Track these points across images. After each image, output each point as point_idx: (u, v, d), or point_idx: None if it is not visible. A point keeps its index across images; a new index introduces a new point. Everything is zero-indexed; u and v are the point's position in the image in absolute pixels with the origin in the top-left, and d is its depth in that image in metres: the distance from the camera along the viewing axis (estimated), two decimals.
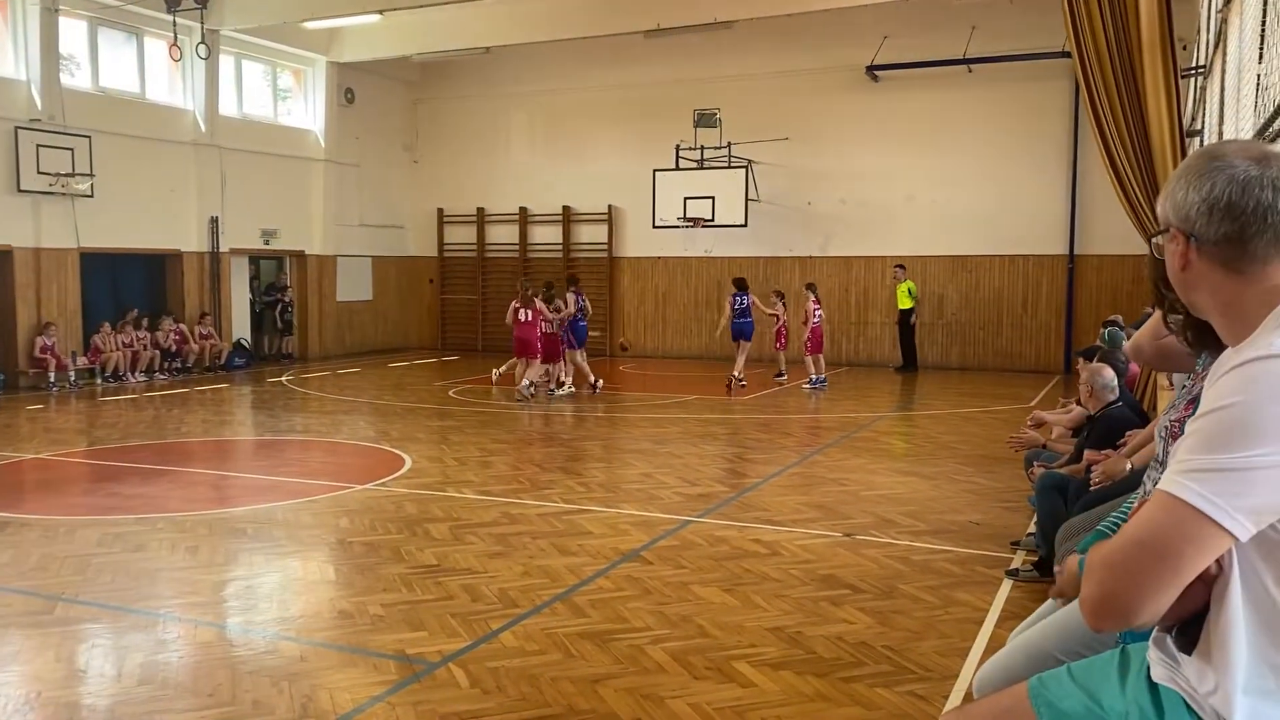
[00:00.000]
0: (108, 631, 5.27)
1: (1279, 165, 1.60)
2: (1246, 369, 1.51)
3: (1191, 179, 1.65)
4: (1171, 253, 1.70)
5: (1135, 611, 1.53)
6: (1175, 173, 1.70)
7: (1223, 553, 1.53)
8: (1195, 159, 1.68)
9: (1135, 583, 1.51)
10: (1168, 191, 1.70)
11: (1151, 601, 1.52)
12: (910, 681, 4.57)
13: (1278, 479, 1.45)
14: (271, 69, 21.15)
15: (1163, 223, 1.72)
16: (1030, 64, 17.97)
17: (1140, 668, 1.92)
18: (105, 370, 16.69)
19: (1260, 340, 1.55)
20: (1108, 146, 7.57)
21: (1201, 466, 1.48)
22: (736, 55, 20.06)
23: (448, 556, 6.56)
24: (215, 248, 19.15)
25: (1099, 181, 17.18)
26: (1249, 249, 1.60)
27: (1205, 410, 1.53)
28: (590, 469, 9.68)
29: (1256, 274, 1.61)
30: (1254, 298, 1.62)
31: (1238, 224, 1.60)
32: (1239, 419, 1.47)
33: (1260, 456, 1.44)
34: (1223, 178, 1.61)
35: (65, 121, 16.17)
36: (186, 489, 8.93)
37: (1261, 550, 1.53)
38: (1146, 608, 1.53)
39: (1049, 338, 18.84)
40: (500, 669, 4.69)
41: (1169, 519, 1.49)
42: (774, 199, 20.13)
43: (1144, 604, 1.52)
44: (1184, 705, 1.75)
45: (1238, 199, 1.60)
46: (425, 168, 24.02)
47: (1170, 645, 1.74)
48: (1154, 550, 1.50)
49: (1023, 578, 6.00)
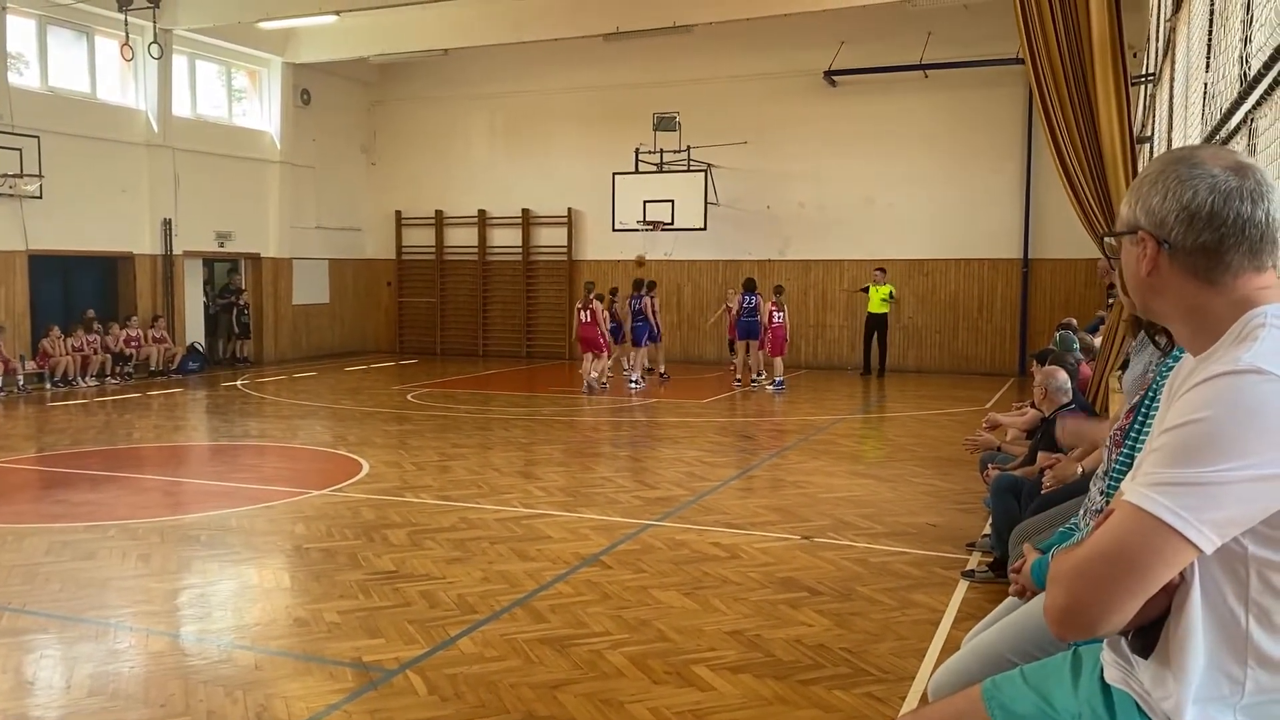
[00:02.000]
0: (56, 642, 5.16)
1: (1254, 177, 1.60)
2: (1215, 383, 1.51)
3: (1170, 184, 1.62)
4: (1135, 256, 1.68)
5: (1101, 622, 1.55)
6: (1146, 175, 1.68)
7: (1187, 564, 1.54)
8: (1172, 164, 1.65)
9: (1102, 594, 1.52)
10: (1138, 194, 1.67)
11: (1117, 612, 1.54)
12: (868, 683, 4.60)
13: (1244, 493, 1.46)
14: (226, 69, 20.87)
15: (1127, 225, 1.69)
16: (985, 70, 18.21)
17: (1093, 669, 1.94)
18: (54, 375, 16.38)
19: (1226, 354, 1.55)
20: (1060, 152, 7.68)
21: (1170, 480, 1.49)
22: (696, 59, 20.12)
23: (405, 562, 6.51)
24: (168, 250, 18.87)
25: (1052, 187, 17.43)
26: (1224, 259, 1.60)
27: (1173, 424, 1.53)
28: (549, 473, 9.65)
29: (1226, 285, 1.61)
30: (1221, 308, 1.62)
31: (1217, 234, 1.59)
32: (1207, 434, 1.47)
33: (1228, 471, 1.45)
34: (1204, 186, 1.59)
35: (13, 121, 15.84)
36: (138, 495, 8.78)
37: (1222, 562, 1.55)
38: (1112, 618, 1.54)
39: (1004, 341, 19.08)
40: (458, 676, 4.65)
41: (1137, 532, 1.50)
42: (733, 202, 20.21)
43: (1110, 615, 1.54)
44: (1135, 707, 1.77)
45: (1219, 209, 1.58)
46: (383, 170, 23.84)
47: (1124, 647, 1.76)
48: (1121, 562, 1.51)
49: (978, 579, 6.07)
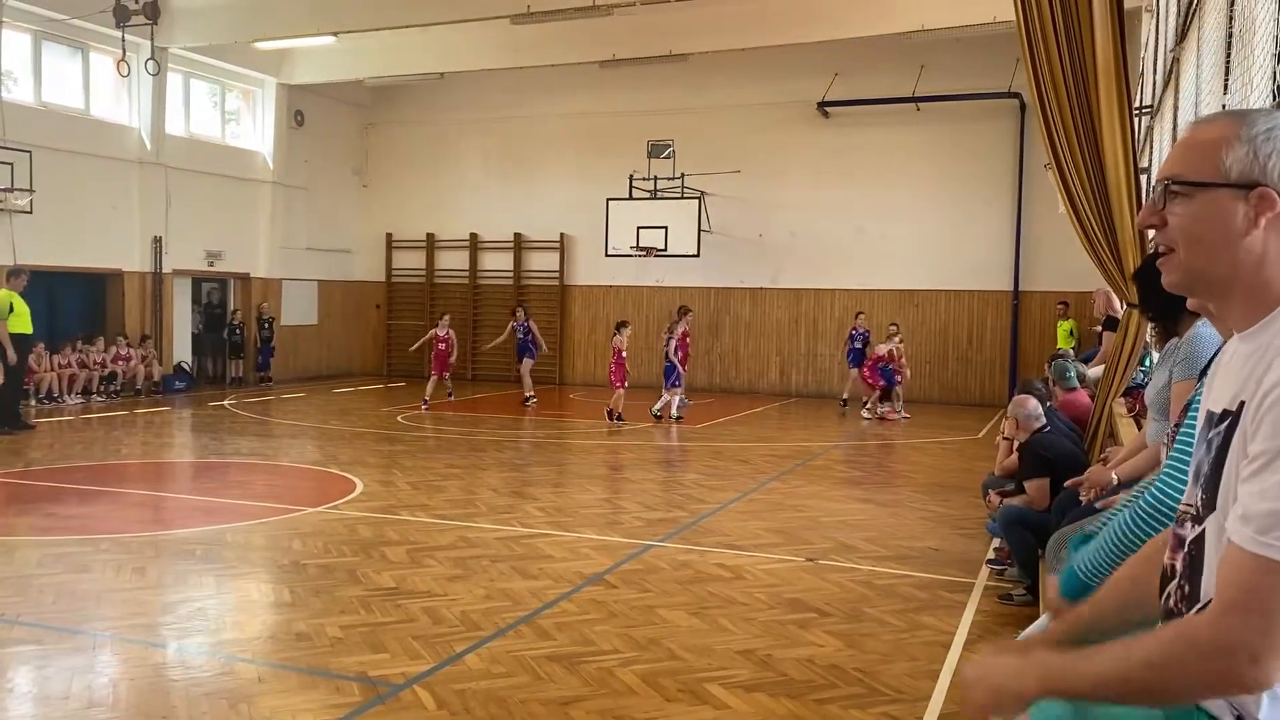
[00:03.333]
0: (53, 653, 5.04)
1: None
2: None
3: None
4: (1229, 213, 1.53)
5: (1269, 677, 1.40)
6: (1259, 128, 1.53)
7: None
8: (1263, 116, 1.54)
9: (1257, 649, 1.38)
10: (1252, 146, 1.51)
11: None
12: (883, 703, 4.54)
13: None
14: (220, 89, 20.86)
15: (1242, 177, 1.52)
16: (978, 103, 18.41)
17: None
18: (39, 391, 16.19)
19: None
20: (1066, 182, 7.72)
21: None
22: (691, 88, 20.25)
23: (406, 579, 6.41)
24: (158, 268, 18.75)
25: (1044, 218, 17.64)
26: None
27: (1270, 447, 1.39)
28: (546, 494, 9.57)
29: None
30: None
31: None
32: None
33: None
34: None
35: (5, 136, 15.75)
36: (130, 510, 8.65)
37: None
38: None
39: (994, 372, 19.14)
40: (467, 691, 4.57)
41: (1266, 576, 1.37)
42: (726, 230, 20.27)
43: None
44: (1195, 705, 1.73)
45: None
46: (375, 192, 23.82)
47: None
48: (1258, 612, 1.38)
49: (1017, 601, 6.03)
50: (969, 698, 1.71)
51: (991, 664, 1.71)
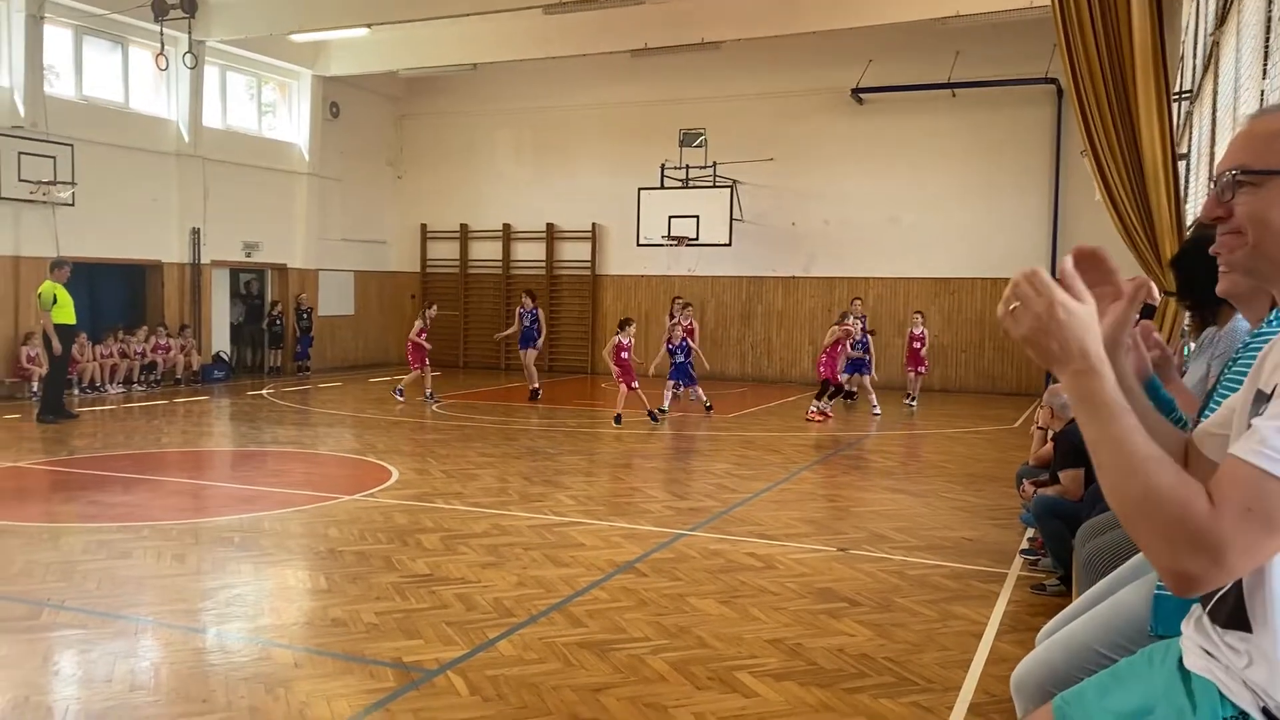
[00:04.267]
0: (96, 637, 5.16)
1: None
2: None
3: None
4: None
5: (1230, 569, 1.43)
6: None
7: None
8: None
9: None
10: None
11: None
12: (914, 693, 4.54)
13: None
14: (256, 81, 21.07)
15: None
16: (1013, 89, 18.20)
17: (1165, 658, 1.90)
18: (82, 381, 16.48)
19: None
20: (1102, 169, 7.63)
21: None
22: (723, 76, 20.18)
23: (440, 566, 6.49)
24: (196, 259, 19.00)
25: (1081, 205, 17.41)
26: None
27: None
28: (578, 483, 9.62)
29: None
30: None
31: None
32: None
33: None
34: None
35: (48, 129, 16.03)
36: (170, 498, 8.81)
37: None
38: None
39: (1030, 361, 18.90)
40: (499, 677, 4.62)
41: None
42: (758, 219, 20.22)
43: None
44: (1217, 694, 1.73)
45: None
46: (409, 183, 23.98)
47: (1209, 628, 1.72)
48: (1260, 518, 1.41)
49: (1050, 592, 6.00)
50: (1020, 293, 1.50)
51: (1072, 305, 1.49)
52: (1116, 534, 3.39)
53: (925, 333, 16.02)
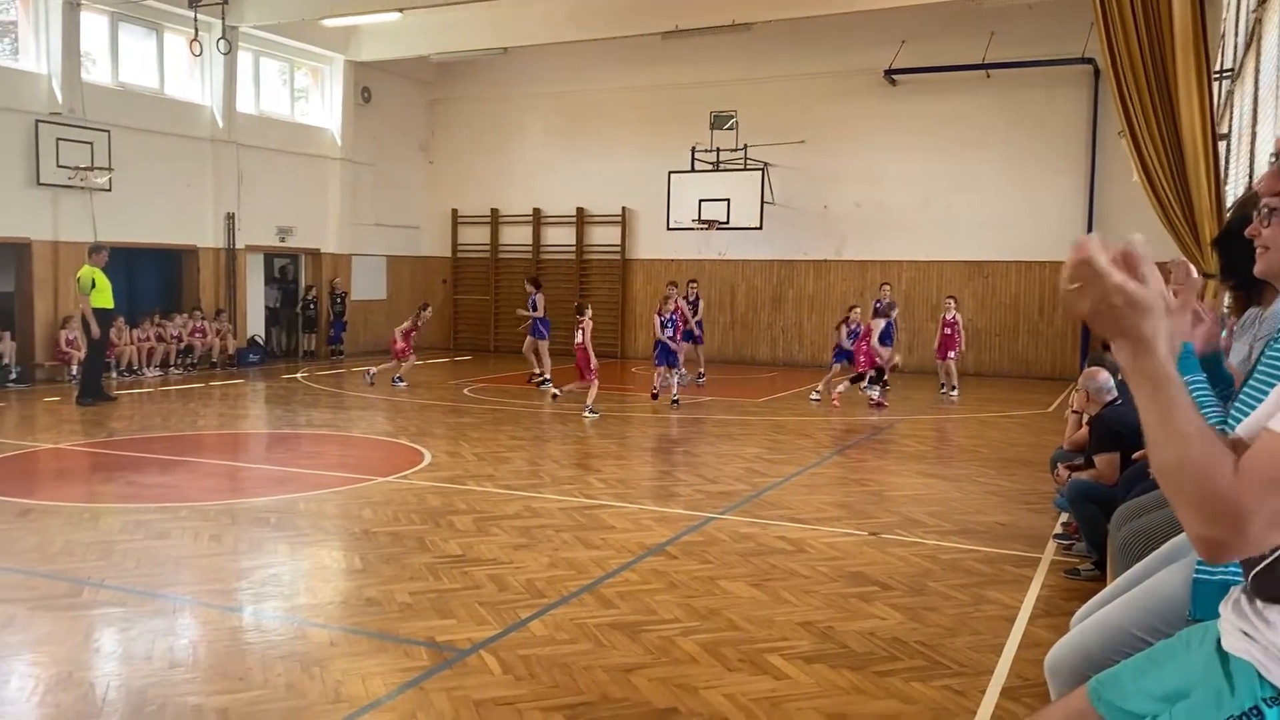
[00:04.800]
0: (136, 615, 5.25)
1: None
2: None
3: None
4: None
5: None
6: None
7: None
8: None
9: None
10: None
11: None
12: (946, 676, 4.53)
13: None
14: (289, 67, 21.20)
15: None
16: (1049, 70, 17.95)
17: (1203, 640, 1.89)
18: (120, 364, 16.71)
19: None
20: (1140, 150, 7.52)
21: None
22: (754, 58, 20.05)
23: (473, 547, 6.54)
24: (231, 244, 19.18)
25: (1117, 187, 17.18)
26: None
27: None
28: (608, 466, 9.65)
29: None
30: None
31: None
32: None
33: None
34: None
35: (85, 115, 16.22)
36: (207, 479, 8.93)
37: None
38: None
39: (1065, 344, 18.78)
40: (531, 657, 4.66)
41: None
42: (789, 202, 20.11)
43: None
44: (1256, 675, 1.71)
45: None
46: (440, 168, 24.06)
47: (1247, 610, 1.71)
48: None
49: (1084, 577, 5.96)
50: (1081, 275, 1.51)
51: (1131, 289, 1.48)
52: (1152, 518, 3.35)
53: (958, 318, 15.77)
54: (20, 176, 15.64)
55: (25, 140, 15.61)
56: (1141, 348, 1.50)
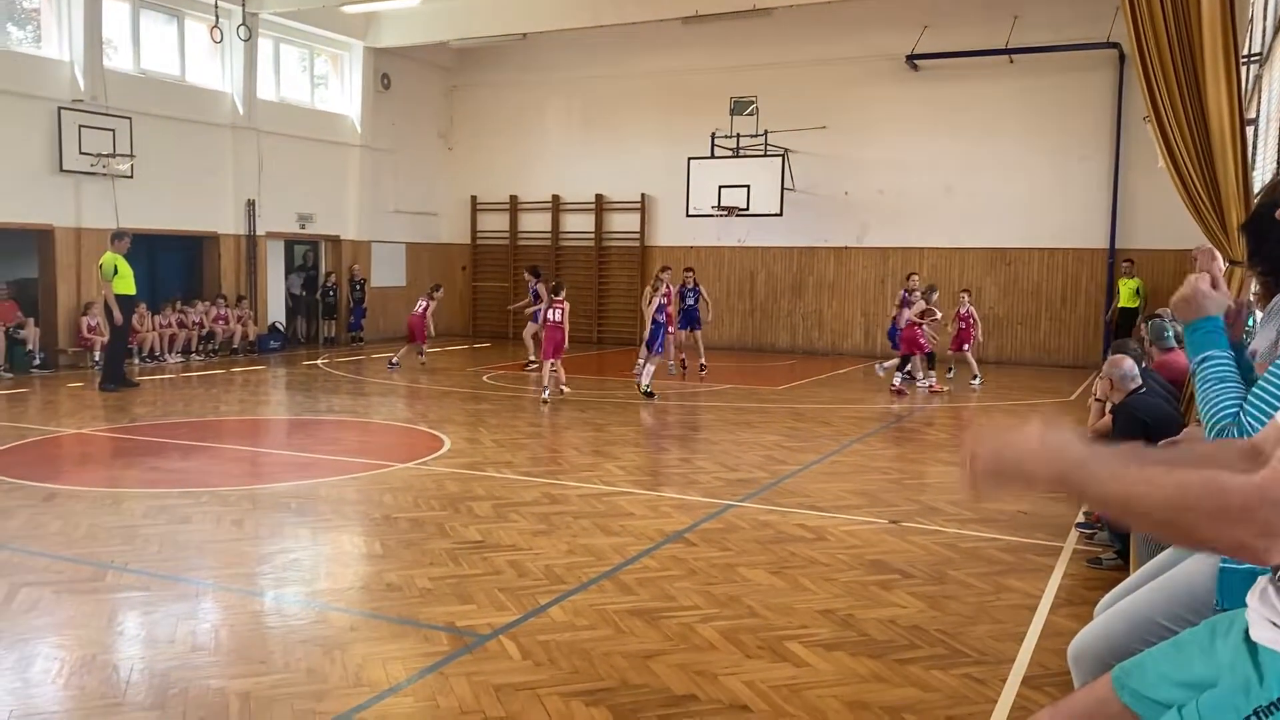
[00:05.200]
0: (159, 599, 5.29)
1: None
2: None
3: None
4: None
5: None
6: None
7: None
8: None
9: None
10: None
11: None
12: (966, 665, 4.51)
13: None
14: (309, 53, 21.23)
15: None
16: (1073, 55, 17.76)
17: (1229, 630, 1.87)
18: (142, 350, 16.83)
19: None
20: (1166, 136, 7.41)
21: None
22: (775, 43, 19.94)
23: (492, 533, 6.55)
24: (252, 231, 19.26)
25: (1142, 174, 17.01)
26: None
27: None
28: (627, 453, 9.65)
29: None
30: None
31: None
32: None
33: None
34: None
35: (107, 102, 16.30)
36: (228, 465, 8.98)
37: None
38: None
39: (1088, 332, 18.63)
40: (551, 643, 4.67)
41: None
42: (810, 188, 20.00)
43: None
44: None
45: None
46: (459, 154, 24.06)
47: (1274, 599, 1.69)
48: None
49: (1106, 565, 5.92)
50: (969, 462, 1.53)
51: (1007, 436, 1.51)
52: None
53: (973, 310, 15.61)
54: (43, 163, 15.74)
55: (48, 127, 15.70)
56: (1064, 482, 1.46)
